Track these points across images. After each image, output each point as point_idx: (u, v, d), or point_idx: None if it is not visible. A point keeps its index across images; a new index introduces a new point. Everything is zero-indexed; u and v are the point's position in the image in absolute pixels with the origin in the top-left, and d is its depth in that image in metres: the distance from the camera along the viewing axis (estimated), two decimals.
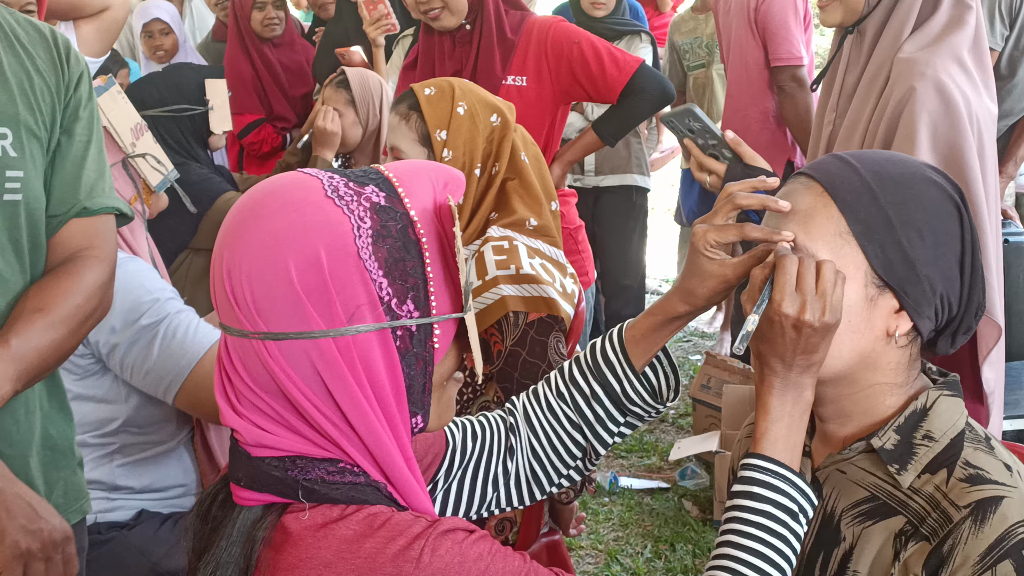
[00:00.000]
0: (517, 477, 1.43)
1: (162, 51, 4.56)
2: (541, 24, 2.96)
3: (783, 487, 1.19)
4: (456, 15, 2.85)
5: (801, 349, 1.19)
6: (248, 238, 1.02)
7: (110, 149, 2.14)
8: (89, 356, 2.07)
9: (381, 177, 1.08)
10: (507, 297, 2.07)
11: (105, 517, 2.12)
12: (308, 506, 1.02)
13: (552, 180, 2.37)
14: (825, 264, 1.19)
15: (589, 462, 1.45)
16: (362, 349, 1.01)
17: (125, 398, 2.12)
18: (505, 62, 2.90)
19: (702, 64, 4.93)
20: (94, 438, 2.11)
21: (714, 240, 1.29)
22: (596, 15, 4.45)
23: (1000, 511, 1.16)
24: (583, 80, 2.92)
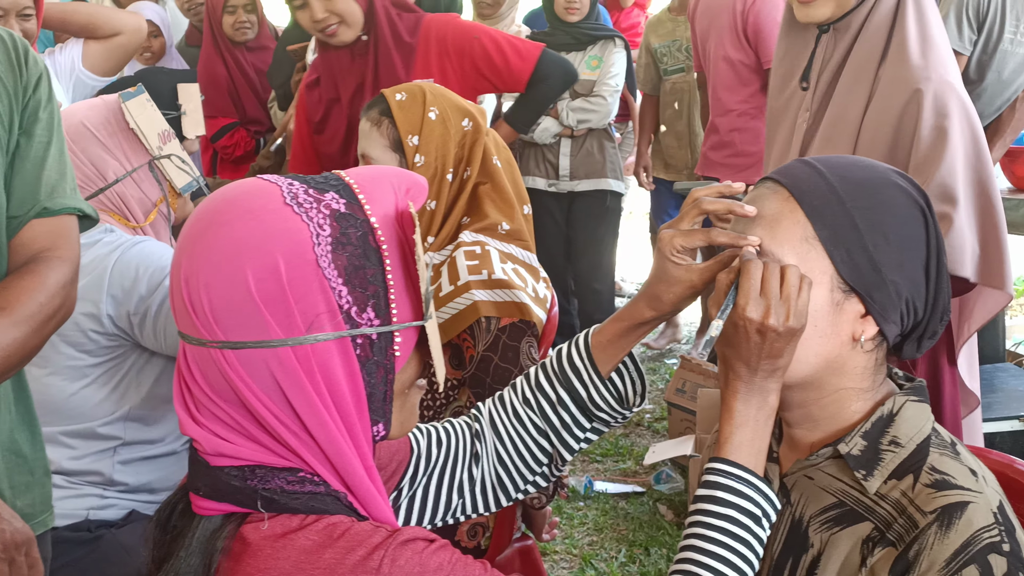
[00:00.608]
0: (483, 483, 1.42)
1: (150, 53, 4.54)
2: (438, 23, 2.94)
3: (746, 491, 1.19)
4: (353, 28, 2.82)
5: (766, 354, 1.19)
6: (206, 246, 1.01)
7: (137, 152, 2.20)
8: (112, 336, 2.09)
9: (342, 183, 1.07)
10: (479, 302, 2.06)
11: (97, 515, 2.13)
12: (267, 516, 1.01)
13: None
14: (789, 268, 1.19)
15: (555, 468, 1.44)
16: (321, 358, 1.00)
17: (136, 385, 2.14)
18: (407, 66, 2.88)
19: (682, 68, 4.89)
20: (102, 426, 2.13)
21: (680, 245, 1.29)
22: (570, 20, 4.45)
23: (966, 516, 1.16)
24: (488, 74, 2.92)
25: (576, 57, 4.47)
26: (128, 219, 2.20)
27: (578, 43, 4.47)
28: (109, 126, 2.19)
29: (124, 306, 2.06)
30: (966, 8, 3.83)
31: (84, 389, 2.11)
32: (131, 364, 2.13)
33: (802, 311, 1.18)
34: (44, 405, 2.12)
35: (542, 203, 4.48)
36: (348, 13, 2.79)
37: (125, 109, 2.17)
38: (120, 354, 2.11)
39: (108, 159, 2.17)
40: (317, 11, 2.76)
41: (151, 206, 2.23)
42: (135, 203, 2.20)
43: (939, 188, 1.87)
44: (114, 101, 2.20)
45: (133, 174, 2.19)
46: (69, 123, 2.17)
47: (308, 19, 2.79)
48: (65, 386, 2.11)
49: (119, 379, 2.13)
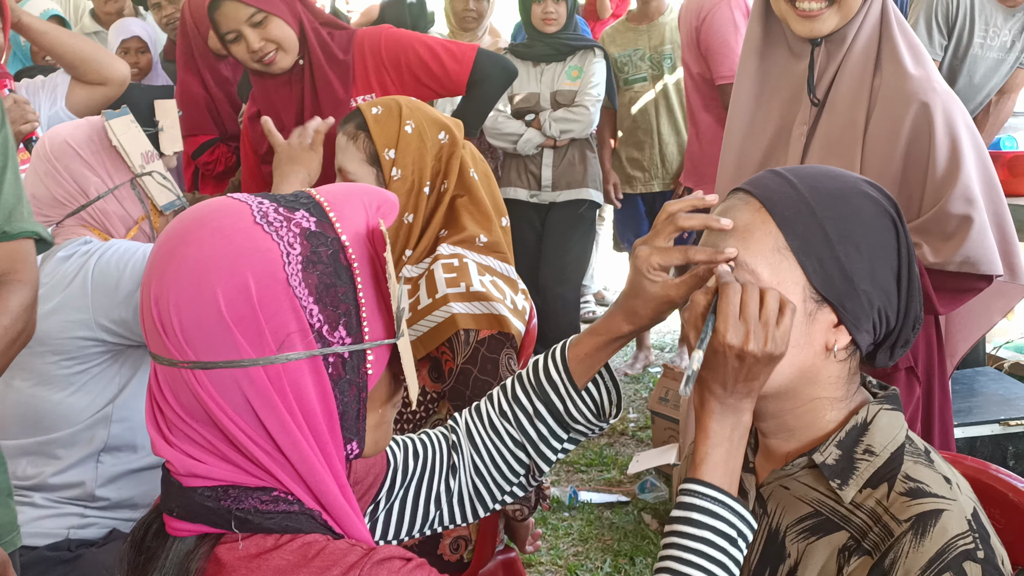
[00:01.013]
0: (460, 495, 1.42)
1: (136, 68, 4.52)
2: (370, 37, 2.92)
3: (722, 512, 1.19)
4: (290, 53, 2.78)
5: (743, 377, 1.19)
6: (176, 266, 1.01)
7: (120, 170, 2.21)
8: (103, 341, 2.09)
9: (312, 201, 1.07)
10: (457, 315, 2.06)
11: (77, 534, 2.13)
12: (241, 536, 1.01)
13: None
14: (769, 292, 1.19)
15: (532, 478, 1.45)
16: (293, 377, 1.00)
17: (122, 384, 2.14)
18: (345, 84, 2.86)
19: (644, 77, 4.86)
20: (86, 429, 2.13)
21: (658, 264, 1.29)
22: (548, 31, 4.46)
23: (940, 524, 1.16)
24: (427, 81, 2.90)
25: (556, 68, 4.48)
26: (110, 234, 2.21)
27: (558, 54, 4.48)
28: (92, 144, 2.20)
29: (114, 308, 2.07)
30: (935, 13, 3.86)
31: (70, 397, 2.11)
32: (118, 367, 2.14)
33: (783, 337, 1.18)
34: (28, 417, 2.13)
35: (522, 213, 4.48)
36: (284, 39, 2.76)
37: (108, 128, 2.19)
38: (108, 358, 2.12)
39: (90, 176, 2.18)
40: (253, 41, 2.71)
41: (132, 223, 2.24)
42: (117, 220, 2.21)
43: (962, 192, 1.91)
44: (98, 120, 2.23)
45: (115, 191, 2.20)
46: (53, 141, 2.19)
47: (244, 51, 2.75)
48: (50, 395, 2.11)
49: (105, 382, 2.13)
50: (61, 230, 2.20)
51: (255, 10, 2.68)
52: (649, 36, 4.84)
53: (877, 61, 2.03)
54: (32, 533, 2.09)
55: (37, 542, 2.09)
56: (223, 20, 2.72)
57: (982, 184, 1.97)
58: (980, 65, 3.90)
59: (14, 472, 2.14)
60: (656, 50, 4.82)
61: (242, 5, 2.68)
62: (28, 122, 2.48)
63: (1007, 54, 3.88)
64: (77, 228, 2.19)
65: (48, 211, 2.19)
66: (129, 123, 2.24)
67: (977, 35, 3.85)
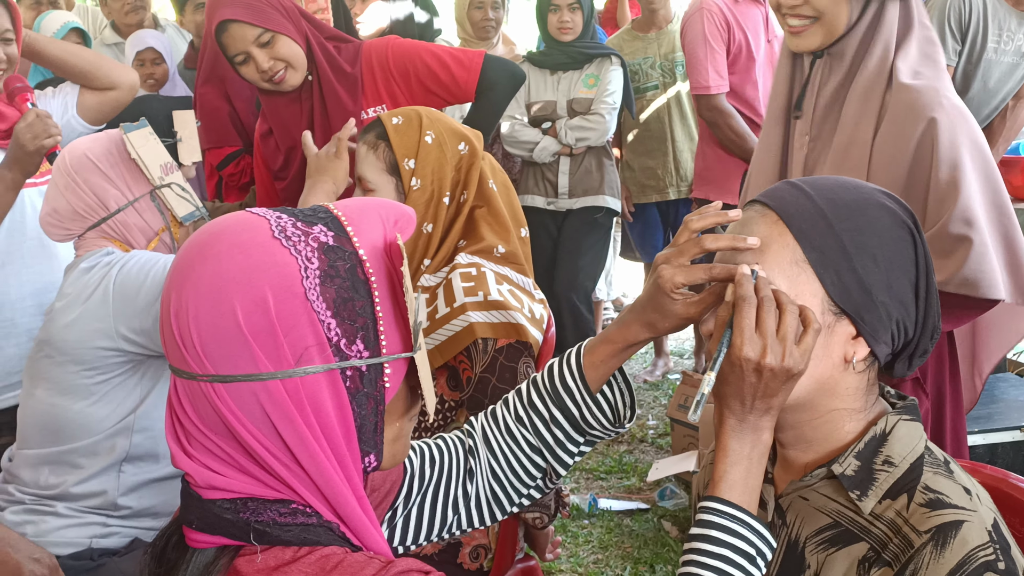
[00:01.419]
0: (477, 499, 1.43)
1: (152, 80, 4.55)
2: (377, 48, 2.92)
3: (741, 531, 1.19)
4: (299, 70, 2.79)
5: (761, 393, 1.19)
6: (195, 280, 1.02)
7: (139, 182, 2.23)
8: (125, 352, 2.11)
9: (330, 216, 1.08)
10: (475, 324, 2.07)
11: (100, 543, 2.15)
12: (260, 548, 1.01)
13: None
14: (788, 308, 1.18)
15: (549, 482, 1.45)
16: (310, 390, 1.01)
17: (142, 394, 2.16)
18: (354, 96, 2.86)
19: (656, 85, 4.85)
20: (107, 438, 2.14)
21: (681, 283, 1.29)
22: (564, 39, 4.46)
23: (960, 535, 1.16)
24: (436, 89, 2.90)
25: (573, 76, 4.48)
26: (131, 246, 2.23)
27: (574, 62, 4.48)
28: (111, 157, 2.22)
29: (135, 318, 2.08)
30: (948, 19, 3.84)
31: (91, 407, 2.13)
32: (139, 377, 2.16)
33: (804, 354, 1.18)
34: (50, 426, 2.15)
35: (539, 221, 4.47)
36: (292, 56, 2.76)
37: (127, 140, 2.20)
38: (129, 368, 2.14)
39: (110, 189, 2.20)
40: (262, 62, 2.72)
41: (153, 234, 2.26)
42: (137, 231, 2.23)
43: (961, 213, 1.88)
44: (116, 134, 2.24)
45: (135, 204, 2.22)
46: (73, 155, 2.22)
47: (254, 72, 2.75)
48: (72, 405, 2.13)
49: (126, 392, 2.15)
50: (83, 242, 2.22)
51: (262, 30, 2.69)
52: (659, 44, 4.84)
53: (889, 75, 2.02)
54: (55, 543, 2.11)
55: (60, 551, 2.10)
56: (231, 43, 2.73)
57: (988, 205, 1.94)
58: (995, 70, 3.87)
59: (36, 481, 2.16)
60: (667, 57, 4.81)
61: (249, 26, 2.69)
62: (51, 136, 2.50)
63: (1022, 58, 3.85)
64: (99, 240, 2.21)
65: (69, 224, 2.21)
66: (147, 135, 2.26)
67: (991, 40, 3.82)
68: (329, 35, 2.92)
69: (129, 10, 5.09)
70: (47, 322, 2.20)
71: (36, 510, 2.15)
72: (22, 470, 2.19)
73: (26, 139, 2.48)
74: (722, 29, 4.08)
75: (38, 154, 2.51)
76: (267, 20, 2.70)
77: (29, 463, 2.19)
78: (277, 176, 3.02)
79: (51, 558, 1.87)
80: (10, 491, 2.19)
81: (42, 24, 4.39)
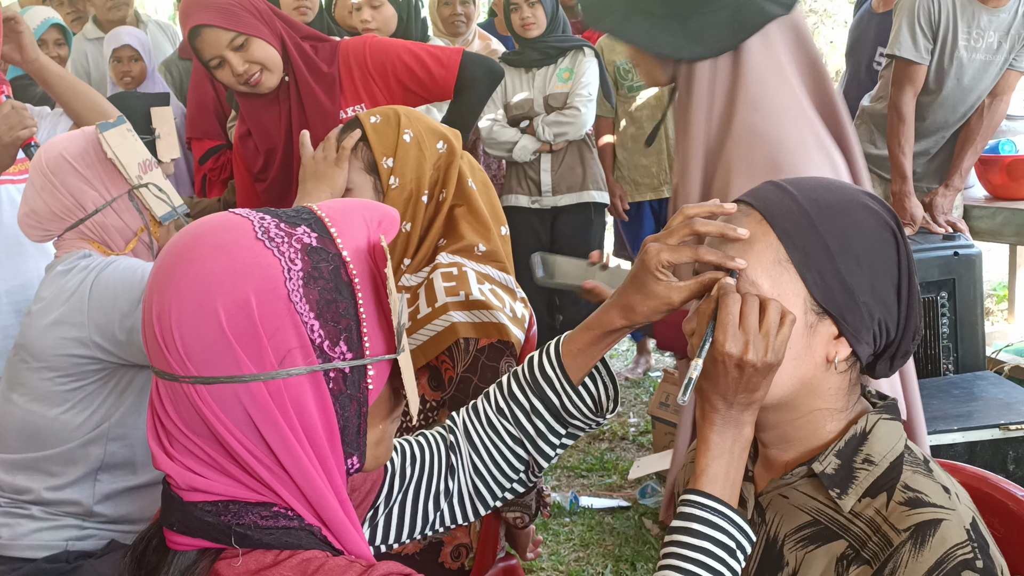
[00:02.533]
0: (460, 494, 1.43)
1: (129, 77, 4.54)
2: (355, 47, 2.92)
3: (722, 524, 1.20)
4: (275, 72, 2.78)
5: (743, 387, 1.20)
6: (177, 282, 1.01)
7: (116, 182, 2.20)
8: (98, 360, 2.09)
9: (314, 217, 1.07)
10: (457, 324, 2.06)
11: (76, 546, 2.13)
12: (241, 552, 1.01)
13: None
14: (771, 303, 1.19)
15: (532, 474, 1.45)
16: (293, 392, 1.01)
17: (118, 403, 2.14)
18: (332, 96, 2.85)
19: (644, 85, 4.89)
20: (81, 447, 2.13)
21: (667, 261, 1.28)
22: (529, 35, 4.45)
23: (939, 534, 1.17)
24: (414, 87, 2.90)
25: (547, 71, 4.48)
26: (109, 248, 2.20)
27: (548, 57, 4.47)
28: (87, 157, 2.19)
29: (109, 328, 2.07)
30: (918, 18, 3.84)
31: (65, 413, 2.11)
32: (113, 384, 2.14)
33: (781, 347, 1.19)
34: (25, 431, 2.13)
35: (525, 221, 4.48)
36: (267, 59, 2.75)
37: (103, 139, 2.18)
38: (103, 376, 2.12)
39: (87, 189, 2.17)
40: (237, 65, 2.71)
41: (132, 235, 2.23)
42: (116, 232, 2.21)
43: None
44: (92, 132, 2.21)
45: (113, 204, 2.19)
46: (49, 155, 2.18)
47: (229, 75, 2.74)
48: (46, 411, 2.11)
49: (101, 400, 2.13)
50: (62, 243, 2.20)
51: (235, 34, 2.68)
52: None
53: (700, 110, 1.90)
54: (30, 545, 2.09)
55: (35, 554, 2.09)
56: (204, 47, 2.71)
57: None
58: (968, 68, 3.88)
59: (11, 485, 2.14)
60: None
61: (222, 31, 2.67)
62: (26, 127, 2.48)
63: (994, 55, 3.86)
64: (77, 241, 2.19)
65: (48, 225, 2.18)
66: (125, 132, 2.23)
67: (961, 37, 3.84)
68: (305, 35, 2.91)
69: (111, 6, 5.09)
70: (25, 326, 2.17)
71: (11, 512, 2.13)
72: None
73: (1, 131, 2.45)
74: None
75: (13, 146, 2.48)
76: (240, 23, 2.68)
77: (4, 467, 2.17)
78: (257, 178, 3.01)
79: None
80: None
81: None
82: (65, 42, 4.43)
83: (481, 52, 4.61)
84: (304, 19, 3.95)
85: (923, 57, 3.86)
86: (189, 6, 2.72)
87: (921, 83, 3.91)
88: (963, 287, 3.58)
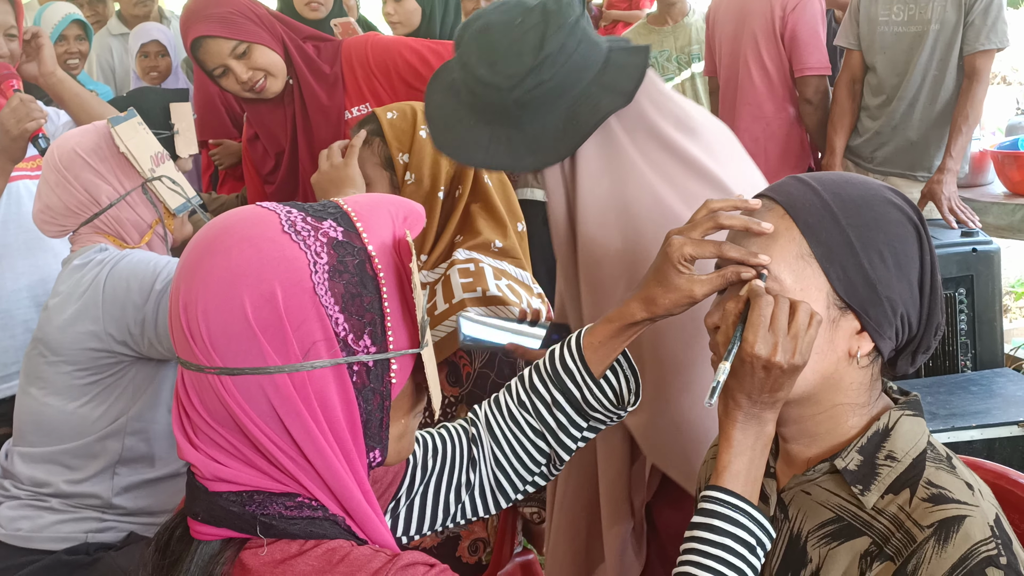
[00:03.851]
0: (481, 487, 1.43)
1: (155, 72, 4.55)
2: (356, 46, 2.91)
3: (743, 520, 1.21)
4: (279, 77, 2.79)
5: (768, 387, 1.20)
6: (204, 273, 1.02)
7: (129, 175, 2.20)
8: (114, 353, 2.10)
9: (340, 211, 1.08)
10: None
11: (95, 538, 2.15)
12: (266, 541, 1.02)
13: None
14: (800, 305, 1.19)
15: (553, 468, 1.45)
16: (317, 385, 1.01)
17: (135, 397, 2.16)
18: (335, 97, 2.85)
19: (671, 78, 4.84)
20: (99, 440, 2.14)
21: (690, 254, 1.28)
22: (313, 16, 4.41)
23: (963, 530, 1.16)
24: (418, 84, 2.88)
25: None
26: (125, 241, 2.21)
27: None
28: (100, 151, 2.19)
29: (123, 320, 2.08)
30: (852, 8, 4.00)
31: (83, 407, 2.12)
32: (130, 378, 2.15)
33: (807, 348, 1.19)
34: (43, 425, 2.14)
35: (539, 213, 4.46)
36: (270, 65, 2.75)
37: (115, 134, 2.18)
38: (119, 370, 2.13)
39: (101, 184, 2.18)
40: (241, 73, 2.71)
41: (146, 228, 2.24)
42: (130, 225, 2.22)
43: None
44: (104, 127, 2.21)
45: (127, 197, 2.20)
46: (62, 150, 2.18)
47: (234, 83, 2.75)
48: (64, 405, 2.12)
49: (118, 394, 2.14)
50: (78, 237, 2.21)
51: (237, 42, 2.68)
52: (675, 37, 4.81)
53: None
54: (50, 537, 2.10)
55: (55, 546, 2.10)
56: (207, 58, 2.71)
57: None
58: (890, 40, 3.88)
59: (30, 478, 2.15)
60: (683, 51, 4.80)
61: (223, 40, 2.67)
62: (34, 119, 2.48)
63: (926, 26, 3.79)
64: (93, 236, 2.20)
65: (63, 220, 2.19)
66: (136, 125, 2.23)
67: (881, 12, 3.87)
68: (307, 36, 2.91)
69: (136, 1, 5.13)
70: (42, 320, 2.18)
71: (32, 505, 2.14)
72: (17, 466, 2.18)
73: (10, 124, 2.46)
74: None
75: (22, 138, 2.48)
76: (241, 32, 2.68)
77: (23, 460, 2.18)
78: (266, 179, 3.02)
79: None
80: (6, 486, 2.19)
81: (43, 15, 4.38)
82: (86, 37, 4.45)
83: None
84: (316, 15, 3.94)
85: (852, 42, 3.99)
86: (189, 18, 2.73)
87: (858, 68, 4.02)
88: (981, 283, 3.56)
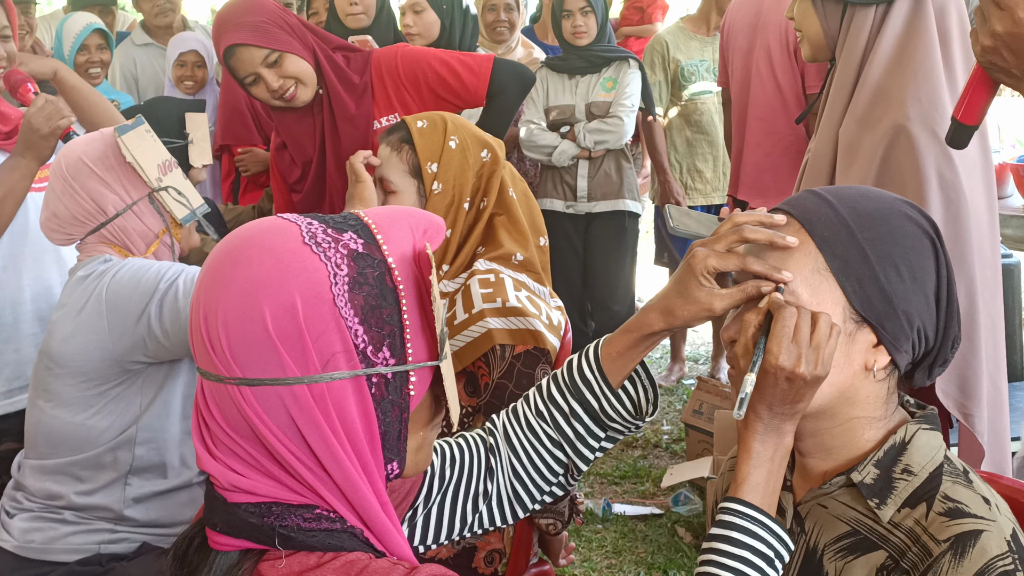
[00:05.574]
0: (499, 497, 1.43)
1: (191, 82, 4.52)
2: (386, 57, 2.92)
3: (761, 532, 1.21)
4: (310, 86, 2.79)
5: (789, 399, 1.20)
6: (225, 284, 1.03)
7: (136, 185, 2.19)
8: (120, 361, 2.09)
9: (360, 223, 1.08)
10: (493, 330, 2.08)
11: (108, 549, 2.14)
12: (285, 553, 1.02)
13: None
14: (822, 316, 1.20)
15: (571, 478, 1.45)
16: (336, 396, 1.02)
17: (143, 405, 2.15)
18: (364, 107, 2.86)
19: (708, 91, 4.82)
20: (109, 451, 2.13)
21: (714, 267, 1.28)
22: (579, 43, 4.46)
23: (979, 545, 1.16)
24: (447, 96, 2.90)
25: (591, 79, 4.49)
26: (130, 251, 2.20)
27: (592, 66, 4.49)
28: (106, 160, 2.17)
29: (126, 324, 2.07)
30: None
31: (91, 418, 2.11)
32: (138, 388, 2.14)
33: (829, 359, 1.20)
34: (53, 437, 2.14)
35: (560, 226, 4.48)
36: (301, 73, 2.76)
37: (121, 143, 2.16)
38: (126, 379, 2.12)
39: (107, 193, 2.16)
40: (272, 81, 2.72)
41: (153, 238, 2.23)
42: (137, 235, 2.20)
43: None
44: (111, 135, 2.19)
45: (134, 207, 2.19)
46: (68, 159, 2.16)
47: (265, 91, 2.76)
48: (72, 417, 2.11)
49: (126, 404, 2.13)
50: (84, 246, 2.20)
51: (268, 51, 2.69)
52: (714, 48, 4.77)
53: (857, 76, 2.05)
54: (63, 549, 2.10)
55: (67, 558, 2.10)
56: (239, 66, 2.73)
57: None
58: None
59: (41, 490, 2.16)
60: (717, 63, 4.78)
61: (256, 48, 2.69)
62: (64, 117, 2.49)
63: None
64: (99, 245, 2.18)
65: (69, 229, 2.18)
66: (143, 133, 2.21)
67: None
68: (336, 45, 2.92)
69: (158, 12, 5.11)
70: (48, 333, 2.17)
71: (44, 517, 2.14)
72: (28, 479, 2.18)
73: (39, 122, 2.46)
74: None
75: (53, 136, 2.48)
76: (273, 40, 2.70)
77: (35, 472, 2.18)
78: (293, 188, 3.03)
79: None
80: (19, 498, 2.19)
81: (65, 25, 4.41)
82: (107, 47, 4.47)
83: (523, 60, 4.62)
84: (359, 24, 3.96)
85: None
86: (221, 26, 2.75)
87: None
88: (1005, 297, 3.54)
